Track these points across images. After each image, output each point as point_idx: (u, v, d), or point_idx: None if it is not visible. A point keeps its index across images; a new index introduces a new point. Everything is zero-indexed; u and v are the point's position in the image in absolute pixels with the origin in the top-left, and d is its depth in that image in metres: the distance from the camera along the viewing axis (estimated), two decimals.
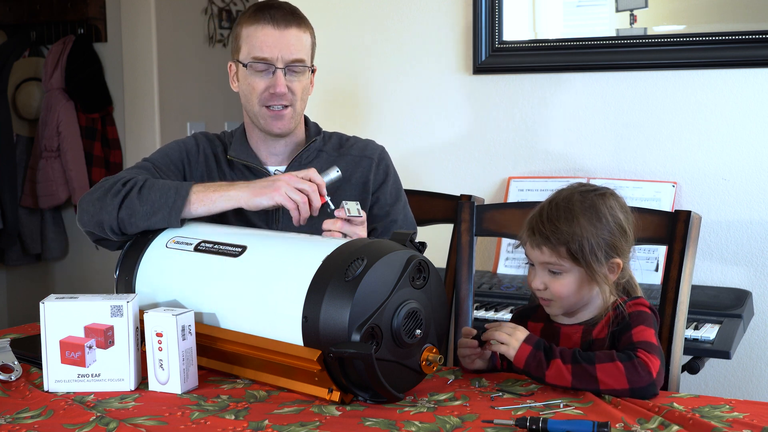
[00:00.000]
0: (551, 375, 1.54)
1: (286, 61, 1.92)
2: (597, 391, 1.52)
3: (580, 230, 1.60)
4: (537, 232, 1.63)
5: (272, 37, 1.92)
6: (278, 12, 1.94)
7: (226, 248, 1.68)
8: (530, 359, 1.56)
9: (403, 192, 2.09)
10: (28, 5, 4.49)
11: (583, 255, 1.60)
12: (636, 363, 1.50)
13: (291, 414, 1.45)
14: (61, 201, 4.40)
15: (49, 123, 4.31)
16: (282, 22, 1.93)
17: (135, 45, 4.28)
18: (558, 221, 1.62)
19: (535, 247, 1.63)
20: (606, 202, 1.64)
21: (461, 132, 2.84)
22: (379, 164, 2.04)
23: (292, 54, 1.92)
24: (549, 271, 1.63)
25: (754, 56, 2.45)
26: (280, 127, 1.96)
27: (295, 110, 1.97)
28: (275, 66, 1.92)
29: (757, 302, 2.47)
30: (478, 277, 2.56)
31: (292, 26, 1.93)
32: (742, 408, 1.45)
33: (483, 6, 2.72)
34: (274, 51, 1.92)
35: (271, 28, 1.92)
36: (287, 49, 1.92)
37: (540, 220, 1.63)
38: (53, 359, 1.58)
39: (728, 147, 2.52)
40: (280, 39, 1.92)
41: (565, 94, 2.70)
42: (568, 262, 1.61)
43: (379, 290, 1.47)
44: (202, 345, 1.62)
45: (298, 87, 1.95)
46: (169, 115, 4.31)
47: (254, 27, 1.94)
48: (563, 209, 1.63)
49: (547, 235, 1.61)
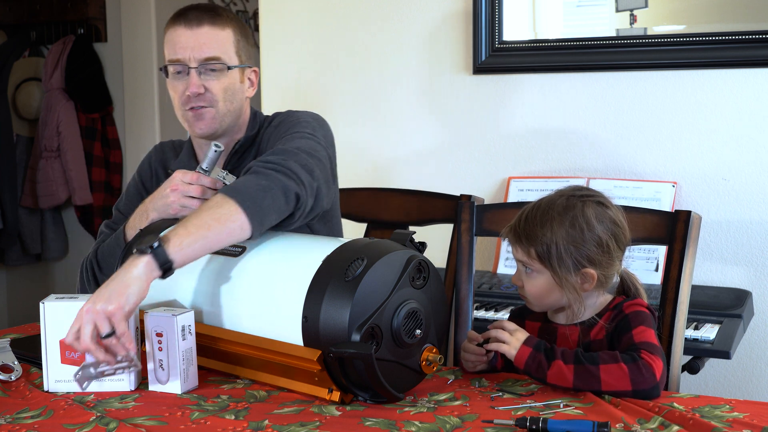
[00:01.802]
0: (552, 375, 1.54)
1: (198, 60, 1.86)
2: (599, 392, 1.52)
3: (550, 234, 1.60)
4: (513, 230, 1.66)
5: (184, 37, 1.87)
6: (193, 13, 1.88)
7: (226, 248, 1.68)
8: (530, 361, 1.56)
9: (302, 126, 1.89)
10: (28, 5, 4.49)
11: (549, 259, 1.61)
12: (640, 365, 1.50)
13: (291, 414, 1.45)
14: (61, 201, 4.40)
15: (49, 123, 4.31)
16: (194, 21, 1.87)
17: (135, 45, 4.28)
18: (533, 222, 1.63)
19: (512, 244, 1.67)
20: (587, 211, 1.61)
21: (461, 132, 2.84)
22: (278, 124, 1.94)
23: (204, 52, 1.86)
24: (524, 269, 1.66)
25: (754, 56, 2.45)
26: (201, 127, 1.90)
27: (218, 110, 1.89)
28: (188, 66, 1.87)
29: (757, 302, 2.47)
30: (478, 277, 2.56)
31: (204, 25, 1.87)
32: (742, 408, 1.45)
33: (483, 6, 2.72)
34: (186, 51, 1.86)
35: (183, 29, 1.87)
36: (199, 48, 1.86)
37: (519, 219, 1.66)
38: (53, 359, 1.58)
39: (728, 147, 2.52)
40: (191, 38, 1.86)
41: (565, 94, 2.70)
42: (537, 263, 1.63)
43: (379, 290, 1.47)
44: (202, 345, 1.62)
45: (217, 86, 1.88)
46: (169, 115, 4.29)
47: (170, 30, 1.90)
48: (542, 211, 1.64)
49: (520, 234, 1.64)
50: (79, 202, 4.34)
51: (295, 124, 1.89)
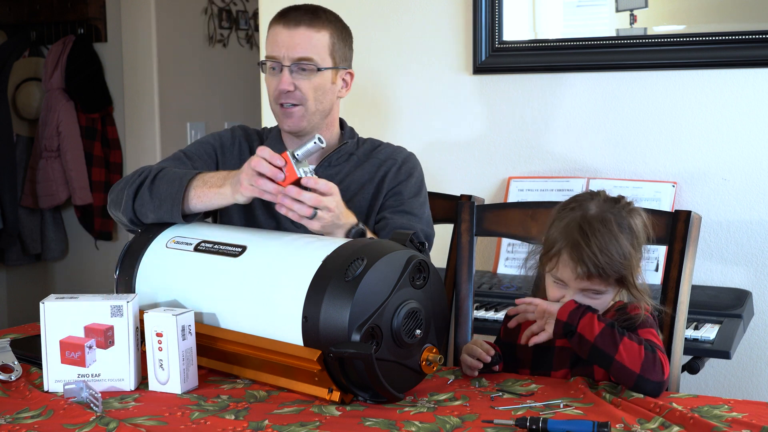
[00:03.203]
0: (583, 325, 1.56)
1: (291, 59, 1.93)
2: (609, 362, 1.53)
3: (628, 257, 1.61)
4: (589, 263, 1.59)
5: (281, 35, 1.95)
6: (294, 13, 1.96)
7: (226, 248, 1.68)
8: (574, 311, 1.58)
9: (426, 195, 2.07)
10: (28, 5, 4.49)
11: (626, 278, 1.62)
12: (656, 358, 1.52)
13: (291, 414, 1.45)
14: (61, 201, 4.40)
15: (49, 123, 4.31)
16: (293, 21, 1.95)
17: (135, 45, 4.28)
18: (608, 251, 1.59)
19: (583, 279, 1.61)
20: (635, 218, 1.65)
21: (461, 132, 2.84)
22: (402, 166, 2.04)
23: (297, 52, 1.93)
24: (583, 295, 1.63)
25: (754, 56, 2.45)
26: (290, 124, 1.97)
27: (307, 109, 1.96)
28: (282, 64, 1.94)
29: (757, 302, 2.47)
30: (478, 277, 2.56)
31: (302, 25, 1.94)
32: (741, 408, 1.45)
33: (483, 6, 2.72)
34: (281, 49, 1.94)
35: (281, 28, 1.95)
36: (293, 48, 1.93)
37: (590, 250, 1.59)
38: (53, 359, 1.58)
39: (728, 147, 2.52)
40: (287, 38, 1.94)
41: (565, 94, 2.70)
42: (614, 287, 1.64)
43: (379, 290, 1.47)
44: (202, 345, 1.62)
45: (307, 86, 1.95)
46: (169, 115, 4.31)
47: (271, 28, 1.98)
48: (607, 235, 1.60)
49: (603, 267, 1.59)
50: (79, 202, 4.34)
51: (422, 191, 2.05)
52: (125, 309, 1.57)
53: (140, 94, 4.29)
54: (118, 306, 1.57)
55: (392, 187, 2.02)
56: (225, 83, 4.53)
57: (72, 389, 1.54)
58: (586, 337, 1.55)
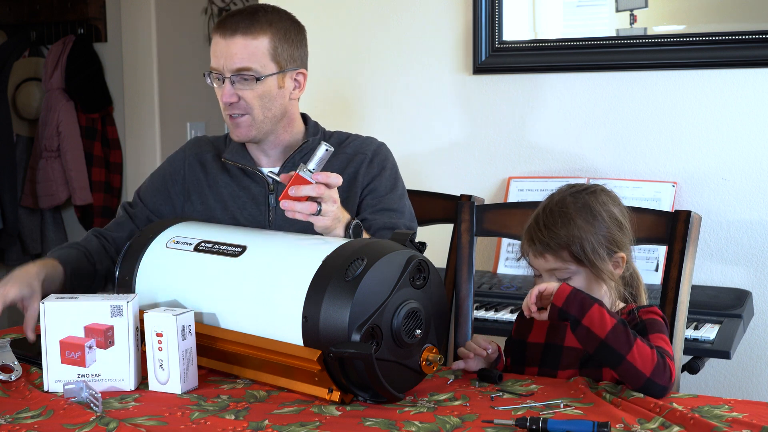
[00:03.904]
0: (591, 317, 1.52)
1: (231, 70, 1.89)
2: (619, 361, 1.50)
3: (578, 231, 1.61)
4: (537, 241, 1.63)
5: (219, 46, 1.90)
6: (231, 20, 1.90)
7: (226, 248, 1.68)
8: (571, 296, 1.54)
9: (403, 185, 2.05)
10: (28, 5, 4.49)
11: (586, 255, 1.61)
12: (665, 363, 1.52)
13: (291, 414, 1.45)
14: (61, 201, 4.40)
15: (49, 123, 4.31)
16: (229, 30, 1.89)
17: (135, 45, 4.28)
18: (555, 226, 1.63)
19: (539, 256, 1.64)
20: (598, 198, 1.66)
21: (461, 132, 2.84)
22: (373, 159, 2.00)
23: (234, 63, 1.88)
24: (556, 278, 1.63)
25: (754, 56, 2.45)
26: (238, 134, 1.94)
27: (254, 118, 1.92)
28: (223, 76, 1.90)
29: (757, 302, 2.47)
30: (478, 277, 2.56)
31: (237, 35, 1.88)
32: (741, 408, 1.45)
33: (483, 6, 2.72)
34: (220, 61, 1.90)
35: (219, 38, 1.91)
36: (230, 59, 1.89)
37: (537, 228, 1.64)
38: (53, 359, 1.58)
39: (728, 147, 2.52)
40: (224, 49, 1.89)
41: (565, 94, 2.70)
42: (573, 264, 1.62)
43: (379, 290, 1.47)
44: (202, 345, 1.62)
45: (251, 95, 1.90)
46: (169, 115, 4.30)
47: (213, 38, 1.93)
48: (558, 213, 1.64)
49: (547, 242, 1.62)
50: (79, 202, 4.34)
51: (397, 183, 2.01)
52: (125, 309, 1.57)
53: (140, 94, 4.29)
54: (118, 306, 1.56)
55: (366, 185, 1.98)
56: None
57: (72, 389, 1.54)
58: (595, 332, 1.53)
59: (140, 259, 1.77)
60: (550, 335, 1.72)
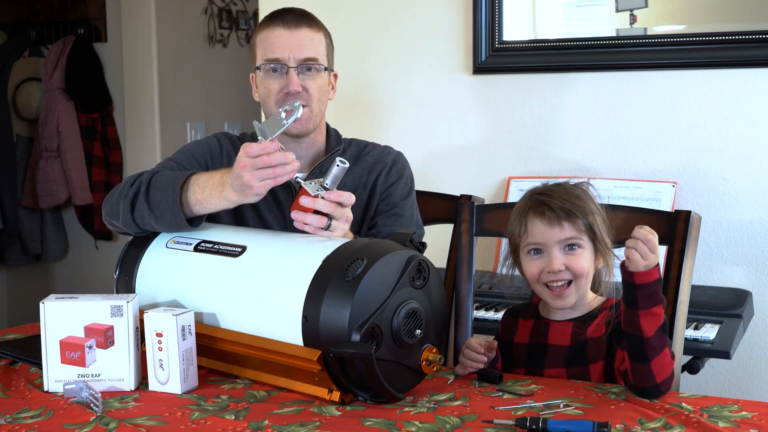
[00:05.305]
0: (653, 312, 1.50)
1: (298, 60, 1.92)
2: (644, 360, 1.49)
3: (590, 205, 1.68)
4: (556, 209, 1.65)
5: (283, 37, 1.93)
6: (289, 15, 1.96)
7: (226, 248, 1.68)
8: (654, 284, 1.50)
9: (414, 195, 2.09)
10: (28, 5, 4.49)
11: (594, 229, 1.66)
12: (672, 372, 1.54)
13: (291, 414, 1.45)
14: (61, 201, 4.40)
15: (49, 123, 4.31)
16: (292, 23, 1.94)
17: (135, 45, 4.28)
18: (570, 198, 1.67)
19: (555, 225, 1.65)
20: (588, 189, 1.73)
21: (461, 132, 2.84)
22: (392, 168, 2.04)
23: (303, 53, 1.93)
24: (567, 249, 1.66)
25: (754, 56, 2.45)
26: (297, 127, 1.94)
27: (312, 110, 1.95)
28: (287, 65, 1.93)
29: (757, 302, 2.47)
30: (478, 277, 2.56)
31: (303, 26, 1.94)
32: (751, 408, 1.45)
33: (483, 6, 2.72)
34: (285, 51, 1.93)
35: (281, 29, 1.94)
36: (299, 48, 1.93)
37: (551, 199, 1.67)
38: (53, 359, 1.58)
39: (728, 147, 2.51)
40: (290, 39, 1.93)
41: (565, 94, 2.70)
42: (585, 236, 1.66)
43: (379, 290, 1.47)
44: (202, 345, 1.62)
45: (313, 86, 1.94)
46: (169, 115, 4.31)
47: (266, 31, 1.96)
48: (567, 190, 1.69)
49: (568, 209, 1.65)
50: (79, 202, 4.34)
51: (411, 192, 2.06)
52: (125, 309, 1.57)
53: (140, 94, 4.29)
54: (118, 306, 1.57)
55: (384, 190, 2.02)
56: (225, 83, 4.53)
57: (72, 389, 1.54)
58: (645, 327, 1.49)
59: (140, 259, 1.77)
60: (534, 335, 1.73)
